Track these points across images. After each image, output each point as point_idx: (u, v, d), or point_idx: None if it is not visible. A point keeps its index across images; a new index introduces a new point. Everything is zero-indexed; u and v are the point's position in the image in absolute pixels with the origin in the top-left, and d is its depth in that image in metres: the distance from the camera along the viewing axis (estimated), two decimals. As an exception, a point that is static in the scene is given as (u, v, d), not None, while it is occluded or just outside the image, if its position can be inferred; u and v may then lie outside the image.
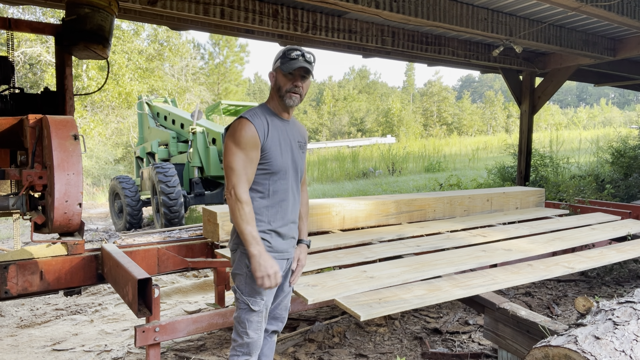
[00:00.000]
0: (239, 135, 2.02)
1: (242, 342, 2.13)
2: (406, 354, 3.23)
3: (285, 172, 2.13)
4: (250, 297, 2.09)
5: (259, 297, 2.09)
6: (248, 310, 2.10)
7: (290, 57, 2.05)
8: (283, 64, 2.06)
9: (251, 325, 2.11)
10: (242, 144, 2.01)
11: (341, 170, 18.74)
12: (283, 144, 2.13)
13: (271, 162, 2.08)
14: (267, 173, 2.09)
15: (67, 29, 3.50)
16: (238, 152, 2.01)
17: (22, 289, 2.87)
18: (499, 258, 3.31)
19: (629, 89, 10.76)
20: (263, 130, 2.05)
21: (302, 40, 6.20)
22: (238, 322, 2.13)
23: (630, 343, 1.71)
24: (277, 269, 2.02)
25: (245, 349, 2.13)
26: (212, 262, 3.71)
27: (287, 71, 2.04)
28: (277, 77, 2.11)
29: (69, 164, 2.74)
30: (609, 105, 58.19)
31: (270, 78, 2.15)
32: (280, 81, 2.09)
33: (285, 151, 2.13)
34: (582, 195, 6.72)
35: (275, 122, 2.13)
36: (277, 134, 2.11)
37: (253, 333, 2.12)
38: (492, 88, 65.35)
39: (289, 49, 2.08)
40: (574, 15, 5.64)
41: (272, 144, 2.08)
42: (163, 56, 26.53)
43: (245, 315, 2.11)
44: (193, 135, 9.20)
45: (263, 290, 2.09)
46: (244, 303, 2.10)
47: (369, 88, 61.67)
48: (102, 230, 9.90)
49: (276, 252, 2.13)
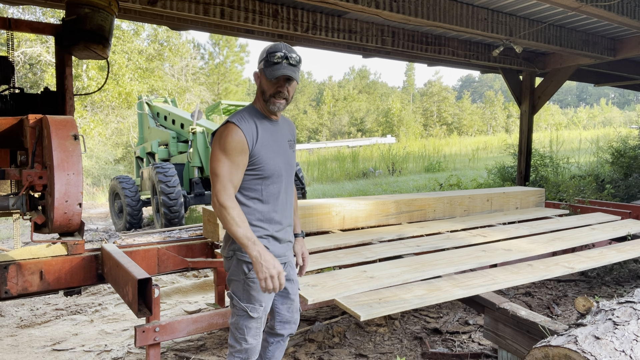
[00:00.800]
0: (225, 141, 1.93)
1: (240, 349, 2.07)
2: (406, 354, 3.23)
3: (278, 175, 2.07)
4: (249, 303, 2.03)
5: (258, 303, 2.03)
6: (247, 317, 2.04)
7: (274, 62, 1.92)
8: (266, 68, 1.95)
9: (250, 331, 2.05)
10: (228, 150, 1.93)
11: (341, 170, 18.74)
12: (275, 147, 2.06)
13: (263, 166, 2.01)
14: (259, 178, 2.02)
15: (67, 29, 3.50)
16: (223, 159, 1.93)
17: (22, 289, 2.87)
18: (499, 258, 3.31)
19: (629, 89, 10.76)
20: (252, 135, 1.97)
21: (302, 40, 6.20)
22: (236, 329, 2.07)
23: (630, 343, 1.71)
24: (280, 268, 1.91)
25: (243, 355, 2.09)
26: (212, 262, 3.70)
27: (270, 78, 1.93)
28: (262, 79, 2.00)
29: (69, 164, 2.74)
30: (609, 105, 58.17)
31: (255, 79, 2.05)
32: (264, 85, 1.99)
33: (277, 154, 2.07)
34: (582, 195, 6.72)
35: (265, 125, 2.04)
36: (268, 137, 2.03)
37: (252, 339, 2.06)
38: (492, 88, 65.35)
39: (271, 51, 1.94)
40: (574, 15, 5.64)
41: (263, 148, 2.00)
42: (163, 56, 26.51)
43: (244, 322, 2.05)
44: (193, 135, 9.20)
45: (262, 297, 2.03)
46: (242, 310, 2.04)
47: (369, 88, 61.65)
48: (102, 230, 9.90)
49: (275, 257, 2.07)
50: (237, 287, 2.07)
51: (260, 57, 2.00)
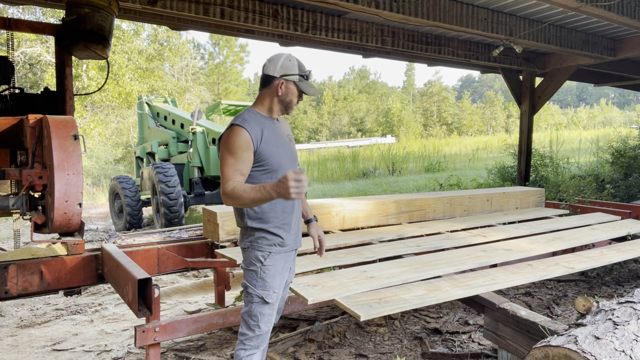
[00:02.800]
0: (231, 142, 2.09)
1: (252, 336, 2.19)
2: (406, 354, 3.23)
3: (283, 167, 2.21)
4: (264, 290, 2.17)
5: (272, 290, 2.18)
6: (262, 303, 2.17)
7: (307, 79, 2.24)
8: (301, 82, 2.21)
9: (263, 317, 2.18)
10: (234, 149, 2.08)
11: (341, 170, 18.74)
12: (277, 143, 2.23)
13: (269, 161, 2.16)
14: (268, 172, 2.17)
15: (67, 29, 3.50)
16: (229, 158, 2.08)
17: (22, 289, 2.87)
18: (499, 258, 3.31)
19: (629, 89, 10.76)
20: (256, 134, 2.12)
21: (302, 40, 6.20)
22: (249, 316, 2.19)
23: (630, 343, 1.71)
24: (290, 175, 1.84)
25: (254, 342, 2.20)
26: (212, 262, 3.70)
27: (307, 93, 2.22)
28: (289, 88, 2.21)
29: (69, 164, 2.74)
30: (609, 105, 58.17)
31: (280, 85, 2.19)
32: (292, 94, 2.22)
33: (280, 148, 2.23)
34: (582, 195, 6.72)
35: (267, 124, 2.21)
36: (270, 134, 2.20)
37: (264, 326, 2.19)
38: (492, 88, 65.32)
39: (305, 69, 2.23)
40: (574, 15, 5.64)
41: (267, 145, 2.16)
42: (163, 56, 26.50)
43: (259, 308, 2.18)
44: (193, 135, 9.20)
45: (275, 284, 2.19)
46: (257, 297, 2.17)
47: (369, 88, 61.64)
48: (102, 230, 9.90)
49: (286, 246, 2.23)
50: (252, 276, 2.19)
51: (289, 68, 2.20)
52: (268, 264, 2.17)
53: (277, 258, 2.19)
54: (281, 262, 2.22)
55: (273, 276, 2.18)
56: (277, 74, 2.18)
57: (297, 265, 3.00)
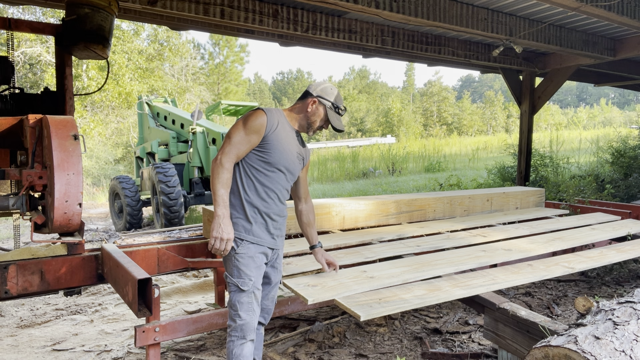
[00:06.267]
0: (249, 119, 2.27)
1: (235, 326, 2.24)
2: (406, 354, 3.23)
3: (279, 168, 2.32)
4: (239, 278, 2.25)
5: (247, 277, 2.25)
6: (238, 291, 2.24)
7: (339, 112, 2.44)
8: (331, 111, 2.40)
9: (242, 306, 2.23)
10: (248, 126, 2.25)
11: (341, 170, 18.73)
12: (285, 144, 2.33)
13: (270, 152, 2.28)
14: (264, 162, 2.29)
15: (67, 29, 3.50)
16: (242, 129, 2.26)
17: (22, 289, 2.87)
18: (499, 258, 3.31)
19: (629, 89, 10.76)
20: (272, 124, 2.28)
21: (302, 40, 6.20)
22: (230, 307, 2.27)
23: (630, 343, 1.71)
24: (232, 237, 2.19)
25: (239, 332, 2.23)
26: (212, 262, 3.70)
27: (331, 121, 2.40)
28: (318, 109, 2.40)
29: (69, 164, 2.74)
30: (609, 105, 58.16)
31: (312, 103, 2.39)
32: (318, 116, 2.41)
33: (286, 151, 2.33)
34: (582, 195, 6.72)
35: (287, 128, 2.37)
36: (284, 135, 2.33)
37: (244, 314, 2.24)
38: (492, 88, 65.34)
39: (340, 101, 2.44)
40: (574, 15, 5.64)
41: (277, 139, 2.29)
42: (163, 56, 26.50)
43: (236, 297, 2.24)
44: (193, 135, 9.20)
45: (251, 272, 2.26)
46: (233, 285, 2.25)
47: (369, 88, 61.66)
48: (102, 230, 9.90)
49: (253, 236, 2.30)
50: (228, 265, 2.30)
51: (327, 95, 2.41)
52: (241, 251, 2.26)
53: (250, 247, 2.27)
54: (254, 250, 2.28)
55: (247, 264, 2.25)
56: (315, 92, 2.40)
57: (297, 266, 3.00)
